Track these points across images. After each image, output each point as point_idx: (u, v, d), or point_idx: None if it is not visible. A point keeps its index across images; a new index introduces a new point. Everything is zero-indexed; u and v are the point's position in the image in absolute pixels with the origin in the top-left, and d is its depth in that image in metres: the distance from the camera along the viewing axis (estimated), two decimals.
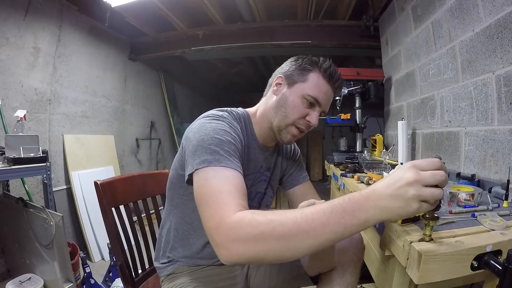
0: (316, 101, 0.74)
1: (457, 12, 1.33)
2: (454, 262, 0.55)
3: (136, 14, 2.64)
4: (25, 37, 2.02)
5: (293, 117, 0.75)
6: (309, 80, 0.74)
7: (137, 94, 3.42)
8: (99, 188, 0.94)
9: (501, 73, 1.06)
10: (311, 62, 0.76)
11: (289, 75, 0.77)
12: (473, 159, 1.23)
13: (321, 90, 0.74)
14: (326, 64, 0.75)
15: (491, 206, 0.77)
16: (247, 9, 2.57)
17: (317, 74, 0.75)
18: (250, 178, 0.81)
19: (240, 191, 0.55)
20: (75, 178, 2.35)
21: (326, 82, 0.75)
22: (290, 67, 0.78)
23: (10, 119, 1.82)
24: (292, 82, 0.76)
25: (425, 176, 0.43)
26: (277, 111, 0.76)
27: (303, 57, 0.78)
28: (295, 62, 0.78)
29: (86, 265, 1.73)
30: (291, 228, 0.44)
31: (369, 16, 2.44)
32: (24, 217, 1.53)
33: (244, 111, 0.82)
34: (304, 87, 0.74)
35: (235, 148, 0.63)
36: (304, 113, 0.75)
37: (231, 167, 0.58)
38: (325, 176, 5.80)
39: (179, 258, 0.81)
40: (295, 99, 0.74)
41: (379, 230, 0.78)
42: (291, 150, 0.96)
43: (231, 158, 0.59)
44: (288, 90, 0.76)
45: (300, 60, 0.78)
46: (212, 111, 0.74)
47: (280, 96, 0.77)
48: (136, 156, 3.46)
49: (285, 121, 0.75)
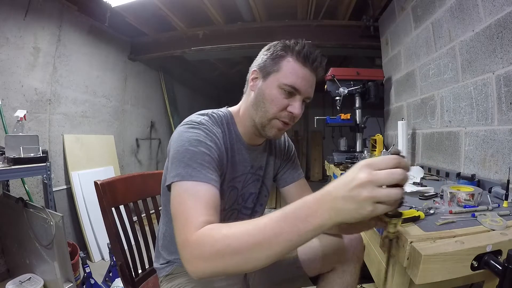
0: (294, 89, 0.69)
1: (457, 12, 1.33)
2: (454, 262, 0.55)
3: (136, 14, 2.64)
4: (25, 37, 2.02)
5: (273, 111, 0.70)
6: (282, 68, 0.69)
7: (137, 94, 3.42)
8: (99, 188, 0.94)
9: (501, 73, 1.06)
10: (282, 48, 0.70)
11: (263, 67, 0.72)
12: (473, 159, 1.23)
13: (298, 75, 0.68)
14: (299, 46, 0.69)
15: (491, 206, 0.77)
16: (247, 9, 2.57)
17: (291, 59, 0.68)
18: (239, 180, 0.79)
19: (209, 206, 0.54)
20: (75, 178, 2.34)
21: (302, 65, 0.68)
22: (262, 58, 0.73)
23: (10, 119, 1.82)
24: (266, 74, 0.71)
25: (379, 176, 0.40)
26: (257, 107, 0.72)
27: (275, 43, 0.72)
28: (267, 51, 0.72)
29: (86, 265, 1.72)
30: (246, 242, 0.44)
31: (369, 16, 2.44)
32: (24, 217, 1.53)
33: (227, 112, 0.79)
34: (279, 77, 0.69)
35: (210, 159, 0.62)
36: (284, 105, 0.70)
37: (202, 181, 0.57)
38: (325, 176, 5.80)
39: (176, 260, 0.81)
40: (272, 92, 0.69)
41: (379, 230, 0.78)
42: (284, 146, 0.93)
43: (203, 171, 0.59)
44: (263, 84, 0.71)
45: (272, 47, 0.72)
46: (192, 117, 0.71)
47: (257, 91, 0.72)
48: (136, 156, 3.46)
49: (267, 116, 0.71)
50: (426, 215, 0.72)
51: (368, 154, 2.00)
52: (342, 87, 2.07)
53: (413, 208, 0.77)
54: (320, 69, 0.71)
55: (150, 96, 3.71)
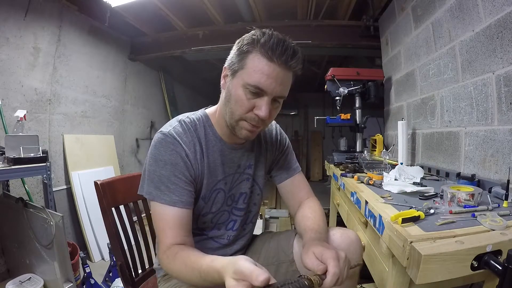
0: (259, 89, 0.62)
1: (457, 12, 1.33)
2: (454, 262, 0.55)
3: (136, 14, 2.64)
4: (25, 37, 2.02)
5: (238, 113, 0.65)
6: (247, 65, 0.62)
7: (137, 94, 3.42)
8: (99, 188, 0.94)
9: (501, 73, 1.06)
10: (248, 42, 0.62)
11: (231, 64, 0.66)
12: (473, 159, 1.23)
13: (263, 72, 0.60)
14: (265, 37, 0.61)
15: (491, 206, 0.77)
16: (247, 9, 2.57)
17: (255, 54, 0.61)
18: (226, 182, 0.78)
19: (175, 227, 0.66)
20: (75, 178, 2.34)
21: (268, 60, 0.60)
22: (232, 54, 0.67)
23: (10, 119, 1.82)
24: (234, 72, 0.65)
25: None
26: (225, 107, 0.68)
27: (244, 37, 0.65)
28: (236, 46, 0.67)
29: (86, 265, 1.73)
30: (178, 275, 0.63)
31: (369, 16, 2.44)
32: (24, 217, 1.53)
33: (203, 115, 0.76)
34: (243, 76, 0.63)
35: (176, 179, 0.67)
36: (249, 106, 0.64)
37: (169, 204, 0.66)
38: (325, 176, 5.80)
39: None
40: (237, 92, 0.64)
41: (379, 230, 0.78)
42: (276, 140, 0.88)
43: (170, 194, 0.67)
44: (231, 82, 0.66)
45: (240, 41, 0.65)
46: (166, 126, 0.72)
47: (226, 91, 0.68)
48: (136, 156, 3.46)
49: (234, 118, 0.67)
50: (426, 215, 0.72)
51: (368, 154, 2.00)
52: (342, 87, 2.07)
53: (413, 208, 0.77)
54: (293, 63, 0.63)
55: (150, 96, 3.71)
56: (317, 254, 0.58)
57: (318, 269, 0.55)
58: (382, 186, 1.10)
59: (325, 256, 0.56)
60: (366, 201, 0.94)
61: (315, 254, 0.58)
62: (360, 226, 1.09)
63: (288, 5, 2.55)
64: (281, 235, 0.91)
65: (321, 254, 0.57)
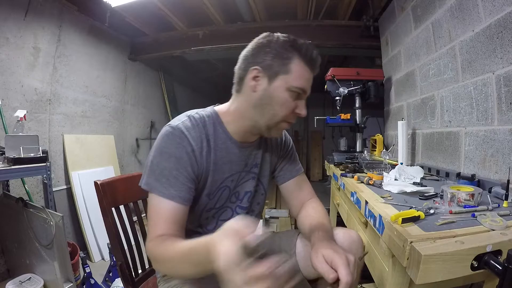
0: (302, 91, 0.69)
1: (457, 12, 1.33)
2: (454, 262, 0.55)
3: (136, 14, 2.64)
4: (25, 37, 2.02)
5: (282, 114, 0.70)
6: (292, 70, 0.66)
7: (137, 94, 3.42)
8: (99, 188, 0.94)
9: (501, 73, 1.06)
10: (290, 48, 0.67)
11: (268, 66, 0.67)
12: (473, 159, 1.23)
13: (305, 78, 0.68)
14: (305, 46, 0.68)
15: (491, 206, 0.77)
16: (247, 9, 2.57)
17: (299, 61, 0.67)
18: (232, 179, 0.78)
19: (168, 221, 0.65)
20: (75, 178, 2.34)
21: (308, 68, 0.69)
22: (265, 56, 0.68)
23: (10, 119, 1.82)
24: (273, 75, 0.67)
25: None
26: (262, 109, 0.69)
27: (277, 40, 0.69)
28: (271, 49, 0.68)
29: (86, 265, 1.73)
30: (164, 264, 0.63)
31: (369, 16, 2.44)
32: (24, 217, 1.53)
33: (212, 112, 0.76)
34: (288, 80, 0.67)
35: (177, 174, 0.66)
36: (293, 107, 0.70)
37: (166, 198, 0.65)
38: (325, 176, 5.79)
39: None
40: (282, 95, 0.67)
41: (379, 230, 0.78)
42: (281, 141, 0.90)
43: (169, 188, 0.66)
44: (270, 86, 0.67)
45: (274, 44, 0.68)
46: (175, 120, 0.72)
47: (261, 93, 0.68)
48: (136, 156, 3.46)
49: (275, 119, 0.70)
50: (426, 215, 0.72)
51: (368, 154, 2.00)
52: (342, 87, 2.07)
53: (413, 208, 0.77)
54: (318, 68, 0.73)
55: (150, 96, 3.71)
56: (327, 258, 0.58)
57: (329, 278, 0.55)
58: (382, 186, 1.10)
59: (336, 263, 0.56)
60: (366, 201, 0.94)
61: (324, 257, 0.58)
62: (360, 226, 1.09)
63: (288, 5, 2.55)
64: (283, 235, 0.92)
65: (331, 259, 0.57)
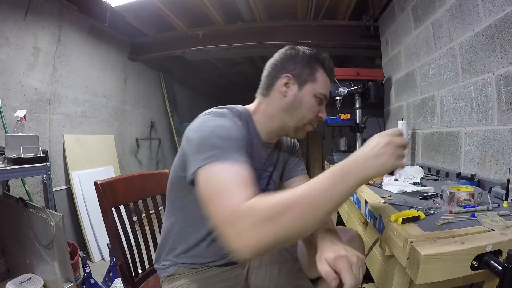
0: (325, 97, 0.79)
1: (457, 12, 1.33)
2: (454, 262, 0.55)
3: (136, 14, 2.64)
4: (25, 37, 2.02)
5: (309, 117, 0.78)
6: (318, 79, 0.76)
7: (137, 94, 3.42)
8: (99, 188, 0.94)
9: (501, 73, 1.06)
10: (315, 60, 0.77)
11: (298, 75, 0.76)
12: (473, 159, 1.23)
13: (327, 86, 0.79)
14: (327, 59, 0.78)
15: (491, 206, 0.77)
16: (247, 9, 2.57)
17: (322, 72, 0.77)
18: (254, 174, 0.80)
19: (249, 183, 0.54)
20: (75, 178, 2.34)
21: (328, 78, 0.79)
22: (295, 64, 0.76)
23: (10, 119, 1.82)
24: (302, 82, 0.76)
25: (396, 139, 0.55)
26: (292, 113, 0.77)
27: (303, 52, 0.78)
28: (300, 59, 0.77)
29: (86, 265, 1.72)
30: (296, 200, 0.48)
31: (369, 16, 2.44)
32: (24, 217, 1.53)
33: (244, 109, 0.81)
34: (315, 87, 0.76)
35: (241, 144, 0.63)
36: (317, 111, 0.79)
37: (238, 161, 0.57)
38: None
39: (179, 260, 0.81)
40: (310, 100, 0.77)
41: (379, 230, 0.78)
42: (290, 143, 0.96)
43: (236, 154, 0.58)
44: (300, 91, 0.76)
45: (305, 57, 0.77)
46: (212, 109, 0.72)
47: (292, 98, 0.76)
48: (136, 156, 3.46)
49: (303, 121, 0.78)
50: (426, 215, 0.72)
51: None
52: (342, 87, 2.07)
53: (413, 208, 0.77)
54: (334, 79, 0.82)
55: (150, 96, 3.71)
56: (330, 261, 0.58)
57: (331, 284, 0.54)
58: (382, 186, 1.10)
59: (338, 267, 0.56)
60: (366, 201, 0.94)
61: (327, 261, 0.58)
62: (360, 226, 1.09)
63: (288, 5, 2.55)
64: None
65: (334, 263, 0.57)
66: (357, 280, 0.55)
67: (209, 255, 0.79)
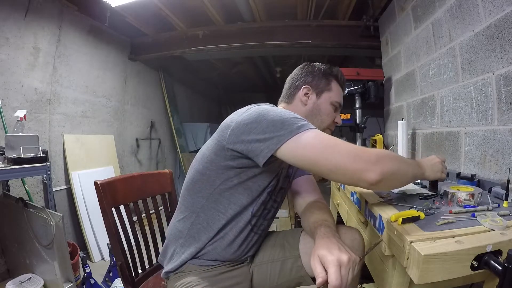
0: (339, 105, 0.90)
1: (457, 12, 1.33)
2: (454, 262, 0.54)
3: (136, 14, 2.64)
4: (25, 37, 2.02)
5: (328, 122, 0.89)
6: (333, 89, 0.88)
7: (137, 94, 3.42)
8: (99, 188, 0.94)
9: (501, 73, 1.06)
10: (329, 72, 0.89)
11: (316, 85, 0.88)
12: (473, 159, 1.23)
13: (341, 95, 0.90)
14: (340, 73, 0.90)
15: (491, 206, 0.77)
16: (247, 9, 2.57)
17: (336, 83, 0.89)
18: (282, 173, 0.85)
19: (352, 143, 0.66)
20: (75, 178, 2.35)
21: (341, 88, 0.91)
22: (313, 77, 0.88)
23: (10, 119, 1.83)
24: (320, 92, 0.88)
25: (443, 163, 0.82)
26: (312, 118, 0.85)
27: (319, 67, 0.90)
28: (317, 73, 0.89)
29: (86, 265, 1.73)
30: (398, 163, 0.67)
31: (369, 16, 2.44)
32: (24, 217, 1.53)
33: None
34: (331, 95, 0.88)
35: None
36: (334, 117, 0.90)
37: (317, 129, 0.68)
38: None
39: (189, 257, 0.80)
40: (327, 107, 0.88)
41: (379, 230, 0.78)
42: None
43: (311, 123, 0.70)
44: (318, 100, 0.88)
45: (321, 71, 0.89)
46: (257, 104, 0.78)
47: (312, 106, 0.88)
48: (136, 156, 3.46)
49: (322, 126, 0.87)
50: (426, 215, 0.72)
51: None
52: None
53: (413, 208, 0.77)
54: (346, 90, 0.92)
55: (150, 96, 3.71)
56: (321, 258, 0.58)
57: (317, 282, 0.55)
58: None
59: (326, 265, 0.56)
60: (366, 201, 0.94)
61: (319, 257, 0.58)
62: (360, 226, 1.09)
63: (288, 5, 2.55)
64: (288, 232, 0.96)
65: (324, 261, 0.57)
66: (344, 281, 0.55)
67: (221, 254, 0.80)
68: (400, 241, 0.62)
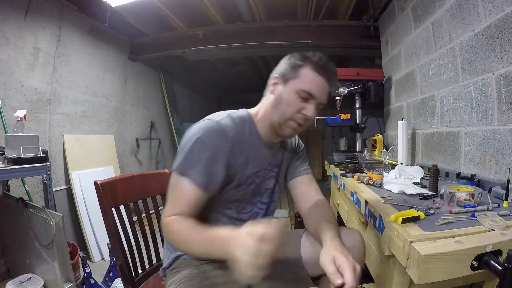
0: (309, 95, 0.77)
1: (457, 12, 1.33)
2: (454, 262, 0.55)
3: (136, 14, 2.64)
4: (25, 37, 2.02)
5: (289, 112, 0.78)
6: (301, 75, 0.77)
7: (137, 94, 3.42)
8: (99, 188, 0.94)
9: (501, 73, 1.06)
10: (301, 58, 0.78)
11: (283, 74, 0.80)
12: (473, 159, 1.23)
13: (314, 83, 0.77)
14: (316, 57, 0.78)
15: (491, 206, 0.77)
16: (247, 9, 2.57)
17: (309, 68, 0.77)
18: (258, 175, 0.85)
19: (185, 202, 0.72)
20: (75, 178, 2.34)
21: (318, 74, 0.77)
22: (283, 66, 0.81)
23: (10, 119, 1.82)
24: (286, 80, 0.79)
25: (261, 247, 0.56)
26: (275, 108, 0.80)
27: (295, 54, 0.81)
28: (288, 60, 0.81)
29: (86, 265, 1.73)
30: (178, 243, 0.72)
31: (369, 16, 2.44)
32: (24, 217, 1.53)
33: (246, 112, 0.85)
34: (297, 83, 0.77)
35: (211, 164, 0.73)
36: (299, 107, 0.78)
37: (194, 184, 0.71)
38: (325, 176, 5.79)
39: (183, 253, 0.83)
40: (290, 95, 0.78)
41: (379, 230, 0.78)
42: (295, 144, 0.99)
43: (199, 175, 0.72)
44: (283, 88, 0.79)
45: (292, 58, 0.80)
46: (213, 117, 0.78)
47: (276, 95, 0.80)
48: (136, 156, 3.46)
49: (283, 117, 0.79)
50: (426, 215, 0.72)
51: (368, 154, 2.00)
52: (342, 87, 2.07)
53: (413, 208, 0.77)
54: (333, 79, 0.80)
55: (150, 96, 3.71)
56: (336, 261, 0.62)
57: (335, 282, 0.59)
58: (382, 186, 1.10)
59: (343, 268, 0.60)
60: (366, 201, 0.94)
61: (334, 259, 0.63)
62: (360, 226, 1.09)
63: (288, 5, 2.55)
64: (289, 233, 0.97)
65: (340, 263, 0.61)
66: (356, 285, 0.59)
67: None
68: (400, 241, 0.62)
